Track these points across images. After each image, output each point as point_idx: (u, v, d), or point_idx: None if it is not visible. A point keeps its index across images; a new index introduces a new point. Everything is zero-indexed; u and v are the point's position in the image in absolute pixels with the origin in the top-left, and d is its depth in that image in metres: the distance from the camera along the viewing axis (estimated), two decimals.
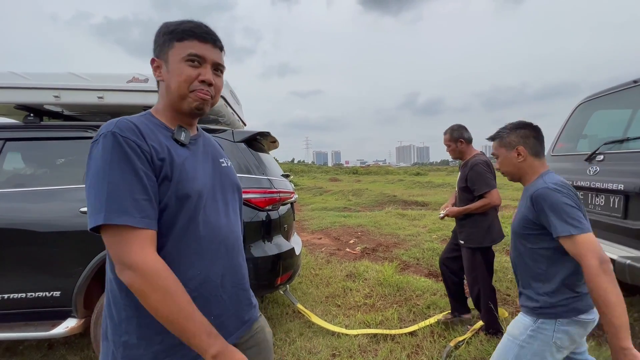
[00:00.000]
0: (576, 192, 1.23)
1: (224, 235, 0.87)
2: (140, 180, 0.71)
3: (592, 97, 2.81)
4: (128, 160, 0.70)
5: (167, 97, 0.84)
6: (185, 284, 0.76)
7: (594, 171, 2.36)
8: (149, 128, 0.79)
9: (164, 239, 0.77)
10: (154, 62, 0.84)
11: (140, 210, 0.70)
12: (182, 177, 0.78)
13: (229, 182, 0.95)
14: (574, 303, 1.24)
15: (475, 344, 2.28)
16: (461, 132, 2.40)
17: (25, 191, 2.05)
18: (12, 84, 2.07)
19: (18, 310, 1.95)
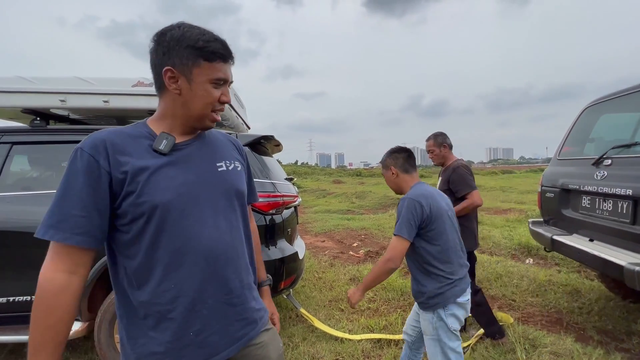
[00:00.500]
0: (429, 202, 1.49)
1: (207, 247, 0.80)
2: (82, 197, 0.72)
3: (599, 100, 2.78)
4: (77, 176, 0.72)
5: (182, 111, 0.82)
6: (158, 296, 0.77)
7: (602, 176, 2.32)
8: (126, 140, 0.79)
9: (135, 251, 0.77)
10: (168, 73, 0.79)
11: (73, 227, 0.71)
12: (147, 189, 0.75)
13: (225, 188, 0.87)
14: (450, 290, 1.47)
15: (481, 350, 2.25)
16: (444, 138, 2.49)
17: (31, 194, 2.07)
18: (20, 89, 2.09)
19: (23, 313, 1.96)
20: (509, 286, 3.41)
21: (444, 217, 1.51)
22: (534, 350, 2.19)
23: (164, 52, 0.79)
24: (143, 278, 0.78)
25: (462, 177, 2.30)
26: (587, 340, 2.42)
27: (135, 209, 0.75)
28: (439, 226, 1.49)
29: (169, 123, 0.84)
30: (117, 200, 0.75)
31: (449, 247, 1.51)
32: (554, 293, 3.22)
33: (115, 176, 0.74)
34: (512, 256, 4.55)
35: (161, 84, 0.81)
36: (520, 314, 2.88)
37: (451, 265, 1.51)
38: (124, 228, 0.77)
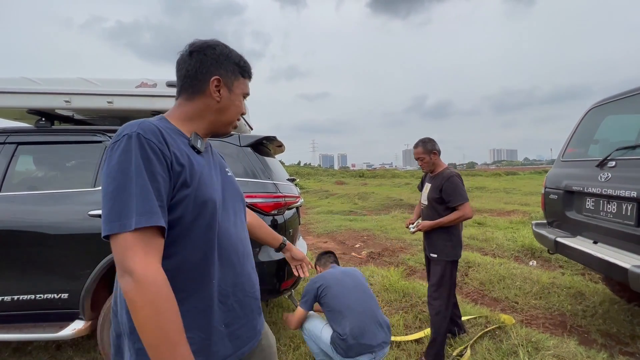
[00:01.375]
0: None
1: (235, 243, 0.88)
2: (159, 186, 0.71)
3: (603, 101, 2.76)
4: (150, 164, 0.70)
5: (214, 116, 0.89)
6: (200, 291, 0.79)
7: (606, 177, 2.31)
8: (170, 134, 0.80)
9: (180, 246, 0.77)
10: (216, 82, 0.87)
11: (158, 212, 0.70)
12: (200, 184, 0.79)
13: (235, 192, 0.98)
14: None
15: (483, 352, 2.24)
16: (433, 144, 2.39)
17: (36, 194, 2.09)
18: (25, 89, 2.11)
19: (27, 312, 1.98)
20: (512, 288, 3.39)
21: None
22: (536, 353, 2.18)
23: (212, 63, 0.87)
24: (182, 276, 0.77)
25: (457, 187, 2.23)
26: (591, 344, 2.40)
27: (186, 203, 0.76)
28: None
29: (195, 125, 0.89)
30: (173, 191, 0.75)
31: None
32: (557, 296, 3.19)
33: (174, 167, 0.75)
34: (516, 258, 4.53)
35: (200, 89, 0.87)
36: (523, 317, 2.86)
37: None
38: (170, 223, 0.75)
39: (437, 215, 2.28)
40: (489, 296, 3.36)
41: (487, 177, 28.67)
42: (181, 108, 0.89)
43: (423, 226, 2.31)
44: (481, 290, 3.51)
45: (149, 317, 0.65)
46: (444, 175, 2.30)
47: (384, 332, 1.88)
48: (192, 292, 0.78)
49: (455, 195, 2.21)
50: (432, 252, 2.31)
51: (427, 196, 2.38)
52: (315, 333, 2.00)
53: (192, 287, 0.79)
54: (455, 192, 2.22)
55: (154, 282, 0.66)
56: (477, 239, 5.47)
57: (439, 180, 2.31)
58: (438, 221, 2.24)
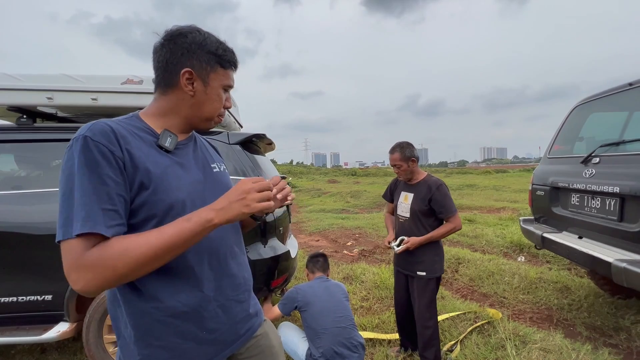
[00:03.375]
0: None
1: (215, 245, 0.83)
2: (107, 189, 0.67)
3: (588, 99, 2.81)
4: (97, 167, 0.67)
5: (189, 111, 0.83)
6: (175, 299, 0.76)
7: (590, 174, 2.35)
8: (130, 131, 0.75)
9: None
10: (187, 74, 0.79)
11: (106, 221, 0.66)
12: (161, 187, 0.74)
13: (221, 189, 0.89)
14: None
15: (472, 347, 2.26)
16: (412, 150, 2.13)
17: (17, 194, 2.03)
18: (5, 86, 2.05)
19: (9, 314, 1.93)
20: (500, 283, 3.44)
21: None
22: (524, 347, 2.22)
23: (182, 52, 0.79)
24: (154, 282, 0.74)
25: (448, 198, 2.07)
26: (576, 336, 2.46)
27: (148, 207, 0.73)
28: None
29: (170, 120, 0.83)
30: (131, 195, 0.72)
31: None
32: (544, 290, 3.26)
33: (129, 169, 0.71)
34: (504, 254, 4.60)
35: (171, 82, 0.81)
36: (511, 311, 2.91)
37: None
38: (134, 227, 0.73)
39: (423, 229, 2.08)
40: (478, 292, 3.41)
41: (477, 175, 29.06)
42: (155, 103, 0.85)
43: (412, 244, 2.04)
44: (471, 286, 3.55)
45: (126, 260, 0.64)
46: (431, 184, 2.09)
47: (358, 353, 1.92)
48: (167, 298, 0.75)
49: (448, 206, 2.05)
50: (420, 270, 2.08)
51: (409, 208, 2.13)
52: (291, 347, 2.05)
53: (167, 294, 0.75)
54: (447, 202, 2.05)
55: (102, 250, 0.64)
56: (467, 235, 5.54)
57: (424, 190, 2.09)
58: (429, 236, 2.04)
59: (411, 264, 2.12)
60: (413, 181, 2.18)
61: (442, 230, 2.07)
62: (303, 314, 2.02)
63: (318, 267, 2.31)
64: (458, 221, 2.07)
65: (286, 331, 2.14)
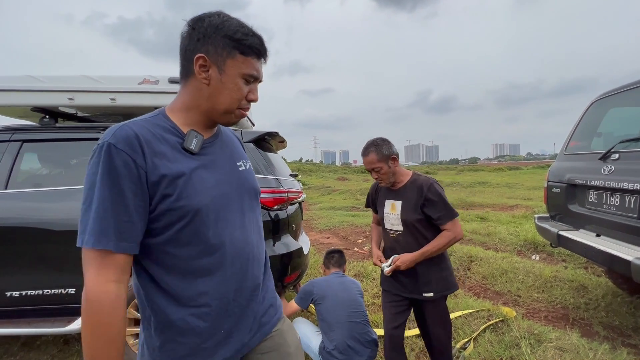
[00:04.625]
0: None
1: (238, 248, 0.81)
2: (125, 200, 0.67)
3: (607, 93, 2.74)
4: (117, 177, 0.66)
5: (207, 103, 0.78)
6: (195, 299, 0.76)
7: (609, 170, 2.30)
8: (154, 135, 0.73)
9: (171, 256, 0.74)
10: (200, 60, 0.74)
11: (119, 233, 0.67)
12: (186, 192, 0.72)
13: (246, 188, 0.87)
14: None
15: (485, 345, 2.25)
16: (390, 146, 1.74)
17: (42, 191, 2.11)
18: (29, 87, 2.13)
19: (35, 307, 2.01)
20: (514, 282, 3.40)
21: None
22: (539, 345, 2.19)
23: (198, 38, 0.75)
24: (176, 284, 0.75)
25: (443, 199, 1.68)
26: (593, 336, 2.41)
27: (172, 213, 0.72)
28: None
29: (192, 116, 0.80)
30: (152, 203, 0.71)
31: None
32: (560, 289, 3.20)
33: (151, 178, 0.70)
34: (518, 252, 4.53)
35: (189, 71, 0.77)
36: (526, 310, 2.87)
37: None
38: (155, 232, 0.73)
39: (419, 241, 1.70)
40: (491, 290, 3.37)
41: (489, 172, 28.57)
42: (179, 97, 0.81)
43: (403, 262, 1.68)
44: (483, 284, 3.52)
45: (84, 335, 0.66)
46: (420, 184, 1.71)
47: (371, 348, 1.93)
48: (187, 299, 0.76)
49: (446, 210, 1.66)
50: (426, 291, 1.71)
51: (399, 219, 1.74)
52: (304, 341, 2.07)
53: (188, 294, 0.76)
54: (445, 205, 1.67)
55: (97, 302, 0.65)
56: (480, 233, 5.47)
57: (413, 194, 1.71)
58: (423, 251, 1.67)
59: (415, 286, 1.73)
60: (397, 185, 1.78)
61: (439, 241, 1.66)
62: (318, 307, 2.04)
63: (333, 263, 2.35)
64: (458, 228, 1.68)
65: (299, 325, 2.18)
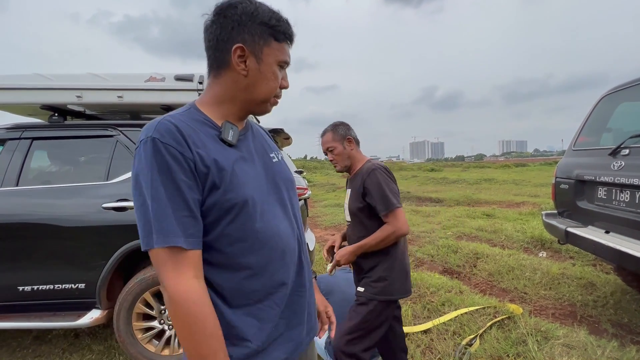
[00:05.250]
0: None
1: (285, 240, 0.78)
2: (183, 194, 0.65)
3: (617, 88, 2.69)
4: (169, 172, 0.64)
5: (244, 94, 0.75)
6: (248, 297, 0.73)
7: (619, 166, 2.26)
8: (192, 128, 0.70)
9: (221, 253, 0.71)
10: (238, 51, 0.71)
11: (184, 229, 0.64)
12: (232, 184, 0.70)
13: (283, 180, 0.84)
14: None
15: (491, 341, 2.25)
16: (347, 129, 1.67)
17: (51, 188, 2.15)
18: (38, 85, 2.16)
19: (47, 301, 2.06)
20: (521, 279, 3.37)
21: None
22: (546, 342, 2.18)
23: (233, 26, 0.71)
24: (228, 283, 0.72)
25: (381, 187, 1.50)
26: (602, 333, 2.39)
27: (220, 207, 0.69)
28: None
29: (226, 108, 0.77)
30: (202, 197, 0.69)
31: None
32: (567, 286, 3.17)
33: (198, 170, 0.67)
34: (525, 249, 4.49)
35: (223, 62, 0.73)
36: (533, 307, 2.85)
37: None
38: (205, 230, 0.70)
39: (364, 232, 1.57)
40: (497, 287, 3.35)
41: (496, 169, 28.29)
42: (210, 90, 0.77)
43: (341, 256, 1.60)
44: (490, 281, 3.50)
45: (182, 335, 0.65)
46: (364, 171, 1.60)
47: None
48: (240, 297, 0.73)
49: (382, 200, 1.49)
50: (360, 285, 1.60)
51: (348, 208, 1.66)
52: None
53: (240, 293, 0.73)
54: (381, 194, 1.49)
55: (184, 301, 0.64)
56: (486, 230, 5.44)
57: (359, 181, 1.59)
58: (361, 244, 1.55)
59: (358, 278, 1.67)
60: (352, 172, 1.70)
61: (376, 235, 1.51)
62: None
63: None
64: (399, 222, 1.49)
65: None
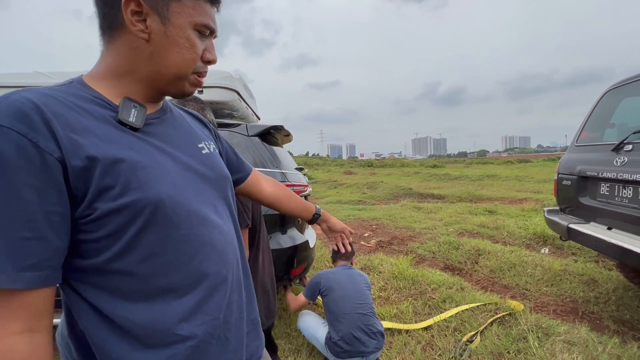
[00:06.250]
0: None
1: (220, 249, 0.61)
2: (23, 205, 0.43)
3: (621, 83, 2.66)
4: (5, 171, 0.43)
5: (148, 66, 0.56)
6: (173, 332, 0.54)
7: (622, 162, 2.24)
8: (69, 106, 0.50)
9: (130, 276, 0.52)
10: (131, 4, 0.52)
11: (17, 259, 0.43)
12: (136, 181, 0.51)
13: (215, 175, 0.66)
14: None
15: (492, 338, 2.24)
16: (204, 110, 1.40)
17: None
18: (38, 83, 2.16)
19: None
20: (522, 275, 3.37)
21: None
22: (547, 339, 2.18)
23: None
24: (141, 316, 0.52)
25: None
26: (603, 330, 2.38)
27: (120, 214, 0.50)
28: None
29: (126, 85, 0.57)
30: (83, 203, 0.48)
31: None
32: (569, 282, 3.16)
33: (73, 165, 0.46)
34: (527, 246, 4.48)
35: (115, 20, 0.54)
36: (534, 303, 2.85)
37: None
38: (97, 246, 0.50)
39: None
40: (499, 283, 3.35)
41: (498, 165, 28.17)
42: (103, 60, 0.58)
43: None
44: (491, 277, 3.50)
45: None
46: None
47: (377, 340, 1.95)
48: (162, 334, 0.53)
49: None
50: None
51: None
52: (311, 332, 2.10)
53: (162, 326, 0.53)
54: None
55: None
56: (488, 226, 5.42)
57: None
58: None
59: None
60: None
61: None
62: (325, 298, 2.07)
63: (340, 256, 2.35)
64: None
65: (306, 318, 2.20)
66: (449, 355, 2.11)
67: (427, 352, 2.19)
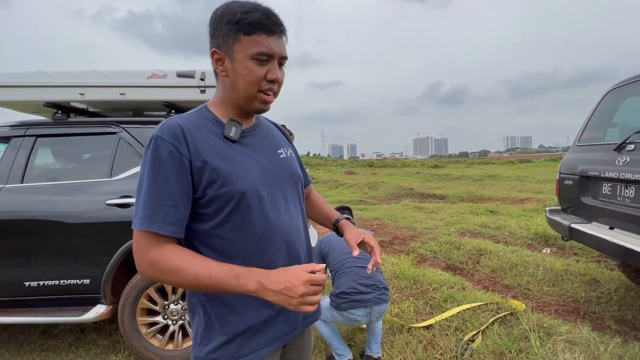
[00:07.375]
0: None
1: (285, 232, 0.84)
2: (169, 186, 0.71)
3: (623, 82, 2.65)
4: (161, 165, 0.72)
5: (231, 94, 0.80)
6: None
7: (624, 161, 2.24)
8: (198, 126, 0.78)
9: (222, 239, 0.78)
10: (215, 55, 0.78)
11: (164, 217, 0.71)
12: (229, 178, 0.75)
13: (288, 175, 0.90)
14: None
15: (494, 337, 2.25)
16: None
17: (56, 185, 2.17)
18: (41, 83, 2.17)
19: (52, 296, 2.08)
20: (524, 275, 3.36)
21: None
22: (548, 339, 2.17)
23: (211, 34, 0.78)
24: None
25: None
26: (605, 330, 2.38)
27: (219, 198, 0.75)
28: None
29: (228, 108, 0.83)
30: (199, 189, 0.75)
31: None
32: (571, 282, 3.16)
33: (196, 164, 0.74)
34: (528, 246, 4.47)
35: (214, 67, 0.81)
36: (535, 303, 2.84)
37: None
38: (206, 217, 0.77)
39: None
40: (500, 283, 3.35)
41: (500, 165, 28.11)
42: (216, 92, 0.85)
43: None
44: (493, 277, 3.49)
45: (174, 278, 0.71)
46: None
47: (380, 291, 1.94)
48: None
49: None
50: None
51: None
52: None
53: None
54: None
55: (158, 259, 0.71)
56: (489, 226, 5.42)
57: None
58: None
59: None
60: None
61: None
62: (327, 259, 2.12)
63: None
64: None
65: None
66: (451, 354, 2.11)
67: (429, 351, 2.19)
